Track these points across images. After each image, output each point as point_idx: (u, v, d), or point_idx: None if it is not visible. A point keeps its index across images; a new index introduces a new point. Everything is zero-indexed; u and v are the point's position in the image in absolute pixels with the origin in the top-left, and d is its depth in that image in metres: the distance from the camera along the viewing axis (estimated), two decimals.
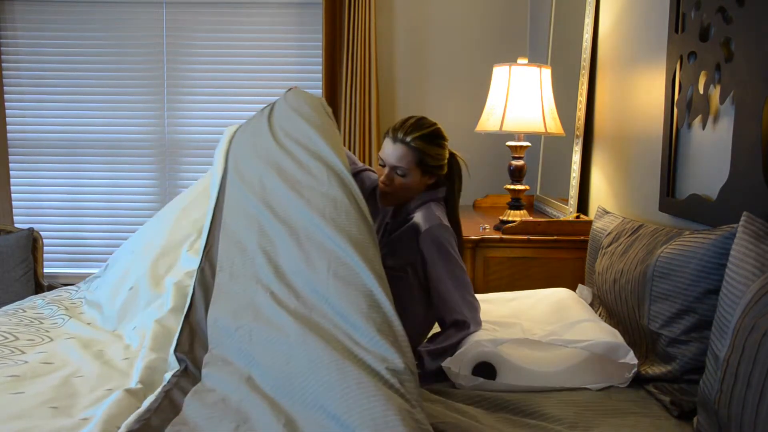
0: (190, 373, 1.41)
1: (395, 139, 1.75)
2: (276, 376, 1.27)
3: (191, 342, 1.53)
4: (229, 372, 1.34)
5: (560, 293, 1.93)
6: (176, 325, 1.66)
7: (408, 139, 1.74)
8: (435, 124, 1.80)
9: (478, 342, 1.58)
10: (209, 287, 1.66)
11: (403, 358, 1.21)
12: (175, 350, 1.52)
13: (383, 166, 1.78)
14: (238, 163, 1.85)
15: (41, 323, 1.90)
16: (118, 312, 1.90)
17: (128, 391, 1.38)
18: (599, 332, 1.58)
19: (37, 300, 2.12)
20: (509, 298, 1.99)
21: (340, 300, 1.32)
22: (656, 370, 1.52)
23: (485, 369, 1.55)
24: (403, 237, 1.79)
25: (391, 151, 1.76)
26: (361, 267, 1.37)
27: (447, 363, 1.59)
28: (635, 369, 1.52)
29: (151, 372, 1.50)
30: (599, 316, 1.82)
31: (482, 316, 1.77)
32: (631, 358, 1.52)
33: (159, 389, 1.36)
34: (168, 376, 1.42)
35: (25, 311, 2.00)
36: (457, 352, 1.59)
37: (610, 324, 1.73)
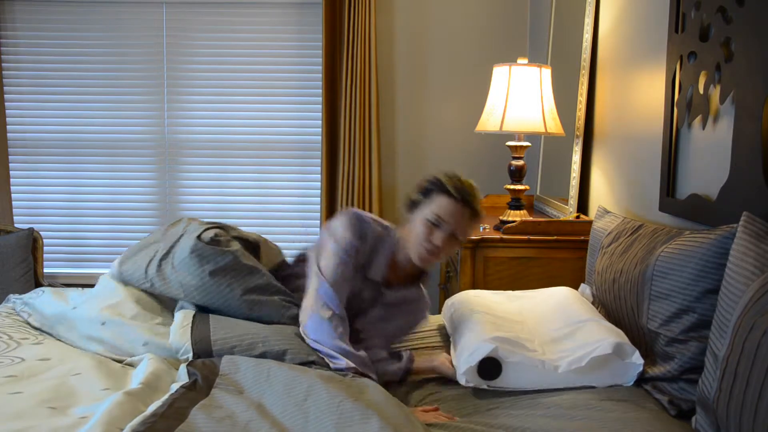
0: (198, 387, 1.42)
1: (473, 214, 1.66)
2: (290, 409, 1.29)
3: (203, 362, 1.54)
4: (240, 398, 1.36)
5: (563, 292, 1.93)
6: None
7: (478, 208, 1.66)
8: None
9: (485, 340, 1.57)
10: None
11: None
12: (188, 365, 1.52)
13: (436, 225, 1.65)
14: None
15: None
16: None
17: (128, 393, 1.38)
18: (604, 332, 1.57)
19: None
20: (515, 296, 2.00)
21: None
22: (655, 370, 1.51)
23: (490, 364, 1.55)
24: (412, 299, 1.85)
25: (466, 224, 1.66)
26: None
27: (454, 364, 1.60)
28: (641, 369, 1.52)
29: (156, 378, 1.50)
30: None
31: (488, 311, 1.81)
32: (637, 358, 1.51)
33: (166, 396, 1.35)
34: (176, 386, 1.42)
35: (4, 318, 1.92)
36: (460, 348, 1.59)
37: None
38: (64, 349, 1.71)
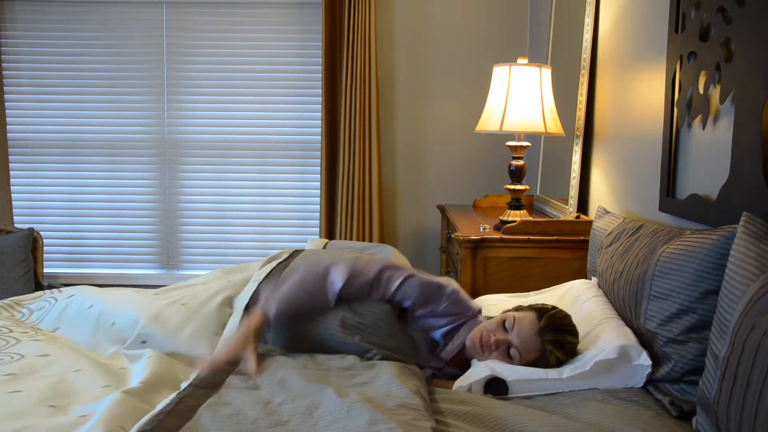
0: (209, 384, 1.41)
1: (542, 336, 1.58)
2: (300, 410, 1.28)
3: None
4: (250, 395, 1.36)
5: (576, 289, 1.92)
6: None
7: (548, 337, 1.58)
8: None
9: (493, 369, 1.57)
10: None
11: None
12: None
13: (507, 329, 1.62)
14: None
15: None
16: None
17: (128, 391, 1.38)
18: (613, 337, 1.55)
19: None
20: (529, 297, 2.00)
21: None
22: (656, 371, 1.51)
23: (496, 384, 1.55)
24: None
25: (530, 345, 1.59)
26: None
27: (458, 382, 1.59)
28: (649, 370, 1.49)
29: (156, 377, 1.50)
30: None
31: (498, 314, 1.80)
32: (644, 359, 1.49)
33: (174, 394, 1.35)
34: (184, 384, 1.42)
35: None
36: (467, 373, 1.60)
37: None
38: (63, 345, 1.71)
